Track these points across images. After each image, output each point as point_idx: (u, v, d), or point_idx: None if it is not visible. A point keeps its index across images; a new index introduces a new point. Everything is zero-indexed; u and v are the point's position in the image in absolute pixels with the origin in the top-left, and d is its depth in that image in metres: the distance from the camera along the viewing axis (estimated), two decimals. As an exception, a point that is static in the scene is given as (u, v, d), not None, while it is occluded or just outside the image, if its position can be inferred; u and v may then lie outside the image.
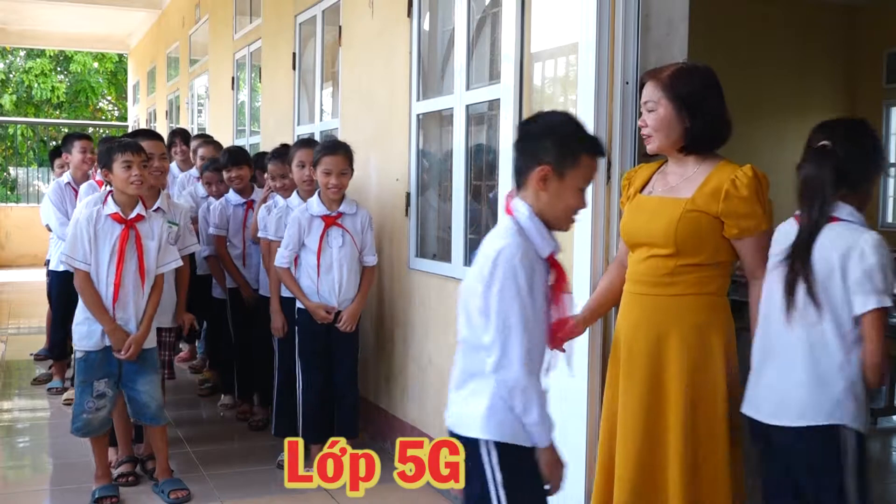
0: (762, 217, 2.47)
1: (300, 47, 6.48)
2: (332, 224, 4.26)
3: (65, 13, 13.38)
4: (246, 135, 8.23)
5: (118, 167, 3.77)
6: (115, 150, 3.78)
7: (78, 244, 3.76)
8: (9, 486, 4.33)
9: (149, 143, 4.16)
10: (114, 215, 3.81)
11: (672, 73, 2.55)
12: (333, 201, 4.27)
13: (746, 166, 2.47)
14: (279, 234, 4.46)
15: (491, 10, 4.26)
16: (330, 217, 4.25)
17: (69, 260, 3.76)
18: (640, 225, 2.60)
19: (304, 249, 4.26)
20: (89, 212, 3.79)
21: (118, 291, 3.79)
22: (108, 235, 3.79)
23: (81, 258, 3.76)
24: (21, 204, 15.21)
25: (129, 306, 3.83)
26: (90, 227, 3.77)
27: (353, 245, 4.30)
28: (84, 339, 3.85)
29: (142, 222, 3.87)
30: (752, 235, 2.47)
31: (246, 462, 4.55)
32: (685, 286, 2.51)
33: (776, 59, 9.29)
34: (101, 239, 3.79)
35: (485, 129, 4.31)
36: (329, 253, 4.23)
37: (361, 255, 4.36)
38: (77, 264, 3.76)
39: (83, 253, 3.76)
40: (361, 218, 4.35)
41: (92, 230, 3.77)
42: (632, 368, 2.59)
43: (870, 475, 2.39)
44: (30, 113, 20.66)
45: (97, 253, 3.78)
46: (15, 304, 10.01)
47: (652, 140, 2.58)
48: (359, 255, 4.35)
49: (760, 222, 2.46)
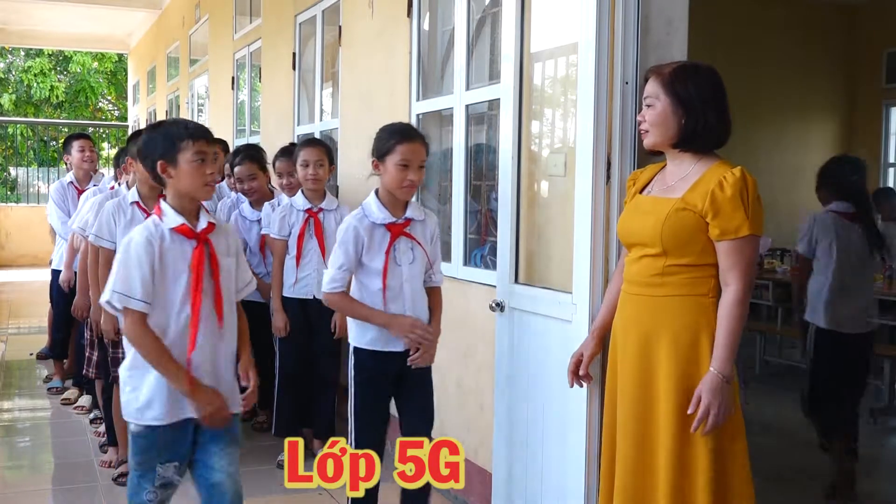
0: (744, 221, 2.39)
1: (300, 47, 6.48)
2: (399, 234, 3.15)
3: (65, 13, 13.38)
4: (246, 135, 8.23)
5: (187, 161, 2.65)
6: (182, 137, 2.67)
7: (135, 276, 2.60)
8: (9, 487, 4.33)
9: None
10: (181, 228, 2.68)
11: (673, 70, 2.56)
12: (401, 203, 3.16)
13: (737, 168, 2.45)
14: (282, 234, 4.49)
15: (491, 10, 4.27)
16: (397, 225, 3.15)
17: (124, 300, 2.58)
18: (633, 225, 2.61)
19: (361, 270, 3.15)
20: (146, 232, 2.65)
21: (196, 334, 2.67)
22: (178, 258, 2.68)
23: (141, 295, 2.60)
24: (21, 204, 15.21)
25: (207, 352, 2.71)
26: (151, 251, 2.63)
27: (425, 259, 3.23)
28: (144, 409, 2.67)
29: (215, 234, 2.76)
30: (731, 238, 2.40)
31: (246, 462, 4.53)
32: (675, 287, 2.50)
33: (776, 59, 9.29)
34: (168, 264, 2.66)
35: (485, 129, 4.31)
36: (398, 273, 3.14)
37: (429, 273, 3.28)
38: (134, 304, 2.59)
39: (143, 289, 2.60)
40: (431, 226, 3.27)
41: (155, 254, 2.63)
42: (624, 369, 2.59)
43: None
44: (29, 112, 20.66)
45: (164, 284, 2.65)
46: (15, 304, 10.01)
47: (648, 135, 2.59)
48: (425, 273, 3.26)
49: (741, 226, 2.39)
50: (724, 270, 2.43)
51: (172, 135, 2.67)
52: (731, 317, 2.40)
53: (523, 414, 3.26)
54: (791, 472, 4.58)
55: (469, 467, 3.60)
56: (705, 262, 2.47)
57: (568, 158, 3.15)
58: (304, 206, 4.47)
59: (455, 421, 4.05)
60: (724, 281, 2.44)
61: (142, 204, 3.87)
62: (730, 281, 2.42)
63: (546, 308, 3.12)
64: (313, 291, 4.43)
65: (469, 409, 3.95)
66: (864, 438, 4.44)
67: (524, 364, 3.26)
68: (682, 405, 2.45)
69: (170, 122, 2.88)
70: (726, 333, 2.40)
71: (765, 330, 7.08)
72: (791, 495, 4.26)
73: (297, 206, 4.49)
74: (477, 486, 3.76)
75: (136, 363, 2.67)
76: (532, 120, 3.47)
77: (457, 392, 4.04)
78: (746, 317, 2.45)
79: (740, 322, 2.41)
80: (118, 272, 2.61)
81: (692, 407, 2.40)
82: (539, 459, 3.17)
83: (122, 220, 3.86)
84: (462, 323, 4.01)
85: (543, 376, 3.14)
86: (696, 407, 2.39)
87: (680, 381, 2.46)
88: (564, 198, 3.25)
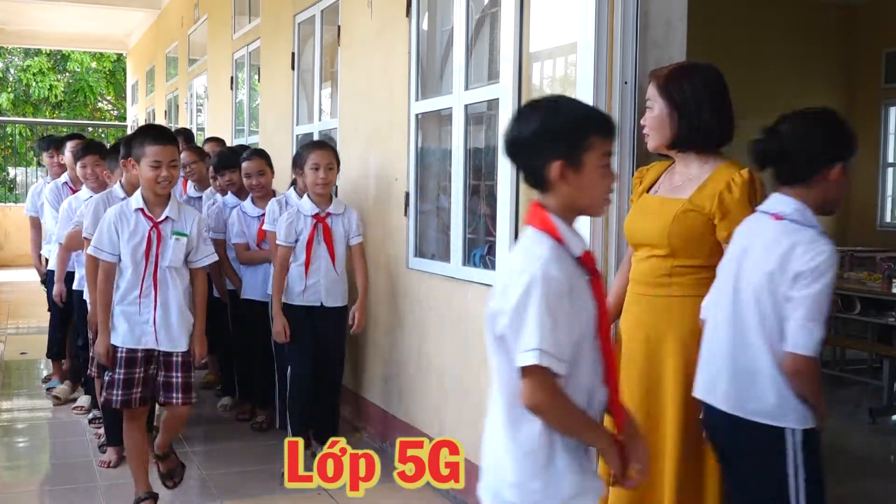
0: None
1: (299, 47, 6.48)
2: None
3: (63, 13, 13.38)
4: (245, 134, 8.22)
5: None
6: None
7: None
8: (8, 487, 4.33)
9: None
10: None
11: (668, 73, 2.56)
12: None
13: (745, 169, 2.45)
14: (289, 240, 4.35)
15: (490, 10, 4.26)
16: None
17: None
18: (640, 224, 2.60)
19: None
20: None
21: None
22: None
23: None
24: (20, 204, 15.19)
25: None
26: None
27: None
28: None
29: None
30: None
31: (246, 462, 4.54)
32: (682, 287, 2.50)
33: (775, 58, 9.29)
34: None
35: (484, 129, 4.31)
36: None
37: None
38: None
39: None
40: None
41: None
42: (630, 369, 2.59)
43: None
44: (28, 112, 20.65)
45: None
46: (14, 304, 10.01)
47: (649, 138, 2.60)
48: None
49: None
50: None
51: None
52: None
53: (523, 414, 3.26)
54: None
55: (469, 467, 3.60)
56: (713, 264, 2.46)
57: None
58: (311, 212, 4.37)
59: (455, 421, 4.05)
60: None
61: (146, 211, 3.57)
62: None
63: (545, 308, 3.11)
64: (321, 299, 4.38)
65: (469, 409, 3.94)
66: (864, 438, 4.44)
67: (524, 364, 3.25)
68: (689, 405, 2.45)
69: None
70: None
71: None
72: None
73: (304, 211, 4.37)
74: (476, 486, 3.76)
75: None
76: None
77: (457, 392, 4.04)
78: None
79: None
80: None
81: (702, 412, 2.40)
82: (538, 459, 3.17)
83: (126, 229, 3.53)
84: (462, 323, 4.01)
85: (543, 376, 3.13)
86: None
87: (686, 382, 2.45)
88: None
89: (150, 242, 3.54)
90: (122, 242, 3.53)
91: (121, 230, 3.53)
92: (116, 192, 4.32)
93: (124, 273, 3.56)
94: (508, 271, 1.87)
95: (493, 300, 1.88)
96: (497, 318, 1.84)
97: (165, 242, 3.56)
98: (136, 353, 3.55)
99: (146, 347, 3.56)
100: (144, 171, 3.49)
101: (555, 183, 1.85)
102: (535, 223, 1.87)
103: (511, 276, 1.84)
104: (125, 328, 3.55)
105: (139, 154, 3.50)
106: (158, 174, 3.46)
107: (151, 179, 3.47)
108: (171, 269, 3.58)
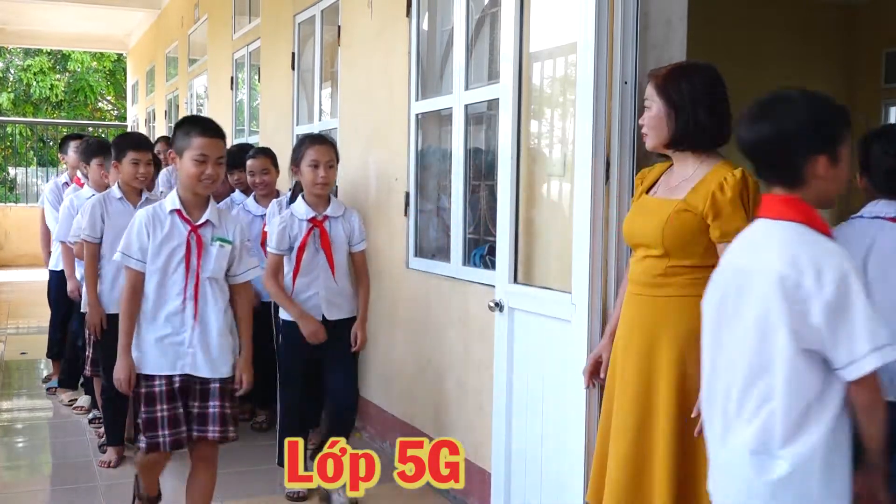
0: (744, 222, 2.34)
1: (299, 47, 6.48)
2: None
3: (63, 13, 13.38)
4: (245, 134, 8.22)
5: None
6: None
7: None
8: (8, 487, 4.33)
9: None
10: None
11: (666, 73, 2.57)
12: None
13: (738, 169, 2.45)
14: (281, 248, 3.92)
15: (490, 10, 4.26)
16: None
17: None
18: (637, 225, 2.61)
19: None
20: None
21: None
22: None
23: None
24: (20, 204, 15.20)
25: None
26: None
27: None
28: None
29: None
30: (731, 241, 2.34)
31: (246, 462, 4.54)
32: (677, 288, 2.50)
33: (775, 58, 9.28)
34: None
35: (484, 129, 4.31)
36: None
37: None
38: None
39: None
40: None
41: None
42: (626, 369, 2.59)
43: None
44: (28, 112, 20.65)
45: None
46: (14, 304, 10.00)
47: (647, 138, 2.61)
48: None
49: (742, 228, 2.32)
50: None
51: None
52: None
53: (522, 414, 3.27)
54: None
55: (469, 467, 3.60)
56: (708, 264, 2.45)
57: (567, 158, 3.16)
58: (306, 216, 3.92)
59: (455, 421, 4.05)
60: None
61: (184, 213, 3.11)
62: None
63: (545, 308, 3.12)
64: (322, 312, 3.92)
65: (468, 409, 3.94)
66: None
67: (523, 364, 3.26)
68: (683, 405, 2.45)
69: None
70: None
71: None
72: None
73: (298, 215, 3.93)
74: (476, 486, 3.76)
75: None
76: (531, 120, 3.48)
77: (456, 392, 4.04)
78: None
79: None
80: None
81: (696, 411, 2.40)
82: (538, 459, 3.17)
83: (159, 232, 3.07)
84: (461, 323, 4.01)
85: (543, 376, 3.14)
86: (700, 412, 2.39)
87: (681, 382, 2.46)
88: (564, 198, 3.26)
89: (189, 249, 3.07)
90: (154, 248, 3.05)
91: (153, 234, 3.06)
92: (114, 193, 4.32)
93: (157, 285, 3.07)
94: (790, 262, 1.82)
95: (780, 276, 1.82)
96: (808, 303, 1.79)
97: (206, 250, 3.09)
98: (174, 381, 3.06)
99: (183, 373, 3.07)
100: (187, 166, 3.04)
101: (812, 177, 1.85)
102: (797, 216, 1.87)
103: (800, 268, 1.81)
104: (156, 352, 3.06)
105: (183, 146, 3.04)
106: (203, 171, 3.03)
107: (194, 176, 3.04)
108: (212, 280, 3.10)
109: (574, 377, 2.90)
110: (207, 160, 3.02)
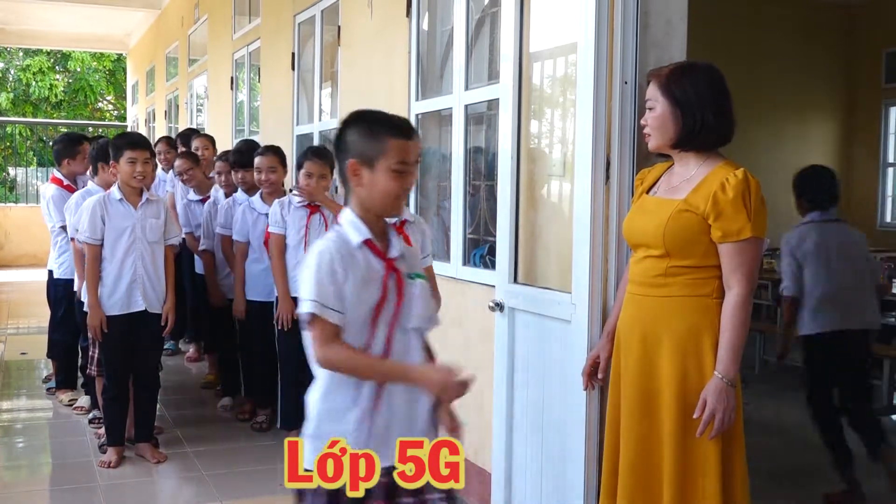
0: (745, 223, 2.38)
1: (299, 47, 6.48)
2: None
3: (64, 13, 13.38)
4: (245, 134, 8.22)
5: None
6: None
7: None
8: (7, 487, 4.33)
9: None
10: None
11: (669, 72, 2.56)
12: None
13: (739, 169, 2.45)
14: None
15: (490, 10, 4.26)
16: None
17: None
18: (638, 225, 2.60)
19: None
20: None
21: None
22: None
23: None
24: (20, 204, 15.20)
25: None
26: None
27: None
28: None
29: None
30: (733, 241, 2.40)
31: (246, 462, 4.54)
32: (678, 288, 2.50)
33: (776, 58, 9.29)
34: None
35: (484, 129, 4.31)
36: None
37: None
38: None
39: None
40: None
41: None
42: (627, 369, 2.59)
43: None
44: (28, 111, 20.65)
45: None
46: (14, 304, 10.00)
47: (651, 138, 2.60)
48: None
49: (743, 228, 2.39)
50: (727, 273, 2.43)
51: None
52: (734, 321, 2.40)
53: (522, 414, 3.27)
54: (790, 472, 4.58)
55: (469, 467, 3.60)
56: (708, 264, 2.46)
57: (567, 158, 3.15)
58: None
59: (454, 421, 4.04)
60: (727, 284, 2.43)
61: (376, 244, 2.18)
62: (732, 284, 2.41)
63: (545, 308, 3.11)
64: None
65: (468, 409, 3.94)
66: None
67: (523, 364, 3.26)
68: (685, 406, 2.44)
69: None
70: (730, 338, 2.40)
71: (765, 330, 7.07)
72: (790, 495, 4.25)
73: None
74: (476, 486, 3.76)
75: None
76: (531, 120, 3.47)
77: (456, 392, 4.03)
78: (750, 320, 2.44)
79: (744, 326, 2.41)
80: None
81: (697, 411, 2.40)
82: (538, 459, 3.17)
83: (355, 274, 2.10)
84: (461, 323, 4.01)
85: (543, 376, 3.14)
86: (702, 411, 2.39)
87: (682, 382, 2.46)
88: (564, 198, 3.26)
89: (385, 292, 2.16)
90: (353, 296, 2.11)
91: (348, 277, 2.11)
92: (114, 195, 4.32)
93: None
94: None
95: None
96: None
97: (409, 291, 2.20)
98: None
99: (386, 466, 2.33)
100: (382, 179, 2.14)
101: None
102: None
103: None
104: (364, 436, 2.34)
105: (378, 151, 2.18)
106: (405, 182, 2.17)
107: (394, 191, 2.15)
108: (417, 332, 2.25)
109: (574, 377, 2.90)
110: (408, 166, 2.19)
